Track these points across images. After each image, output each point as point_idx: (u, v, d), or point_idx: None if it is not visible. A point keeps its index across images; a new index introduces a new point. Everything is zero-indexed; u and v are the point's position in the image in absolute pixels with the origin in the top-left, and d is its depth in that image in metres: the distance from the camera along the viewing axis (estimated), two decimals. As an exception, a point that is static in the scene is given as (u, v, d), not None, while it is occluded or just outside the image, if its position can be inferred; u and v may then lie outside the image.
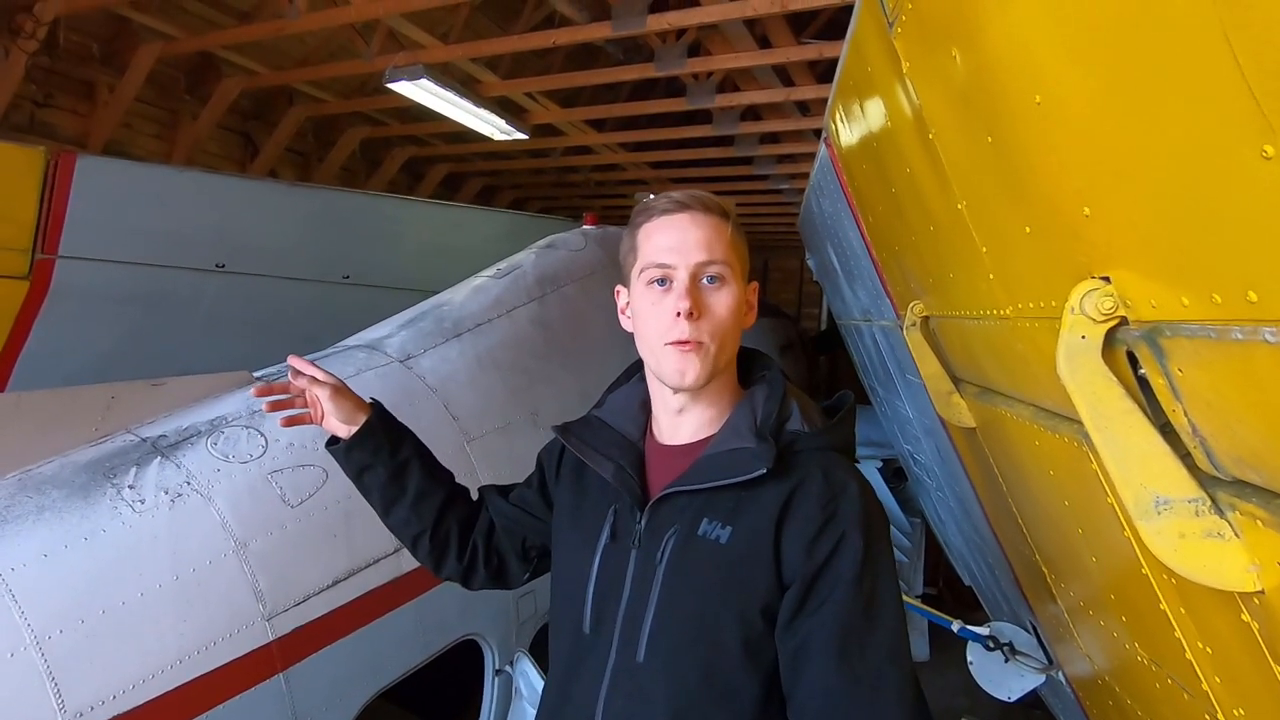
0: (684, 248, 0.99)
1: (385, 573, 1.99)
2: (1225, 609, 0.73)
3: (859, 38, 1.35)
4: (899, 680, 0.90)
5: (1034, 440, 1.16)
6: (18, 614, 1.42)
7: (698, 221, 1.00)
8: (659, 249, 1.01)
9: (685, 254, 0.99)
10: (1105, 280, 0.69)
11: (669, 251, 1.00)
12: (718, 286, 1.00)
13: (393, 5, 4.29)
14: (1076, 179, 0.70)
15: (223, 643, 1.64)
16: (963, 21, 0.83)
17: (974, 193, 1.03)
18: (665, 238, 1.01)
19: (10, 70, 4.48)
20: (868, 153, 1.70)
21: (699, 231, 1.00)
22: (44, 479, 1.67)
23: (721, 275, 1.00)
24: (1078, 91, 0.65)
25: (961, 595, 4.18)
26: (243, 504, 1.78)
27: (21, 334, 3.44)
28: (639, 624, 0.99)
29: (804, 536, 0.93)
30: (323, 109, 6.34)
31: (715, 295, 1.00)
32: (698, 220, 1.00)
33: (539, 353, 2.78)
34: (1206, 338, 0.57)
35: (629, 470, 1.06)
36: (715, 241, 1.00)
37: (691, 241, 0.99)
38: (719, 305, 0.99)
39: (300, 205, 4.54)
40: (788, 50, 4.69)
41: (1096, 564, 1.17)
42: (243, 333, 4.24)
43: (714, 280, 1.00)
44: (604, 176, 8.68)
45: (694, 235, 0.99)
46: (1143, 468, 0.68)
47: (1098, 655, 1.56)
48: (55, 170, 3.26)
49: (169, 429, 1.89)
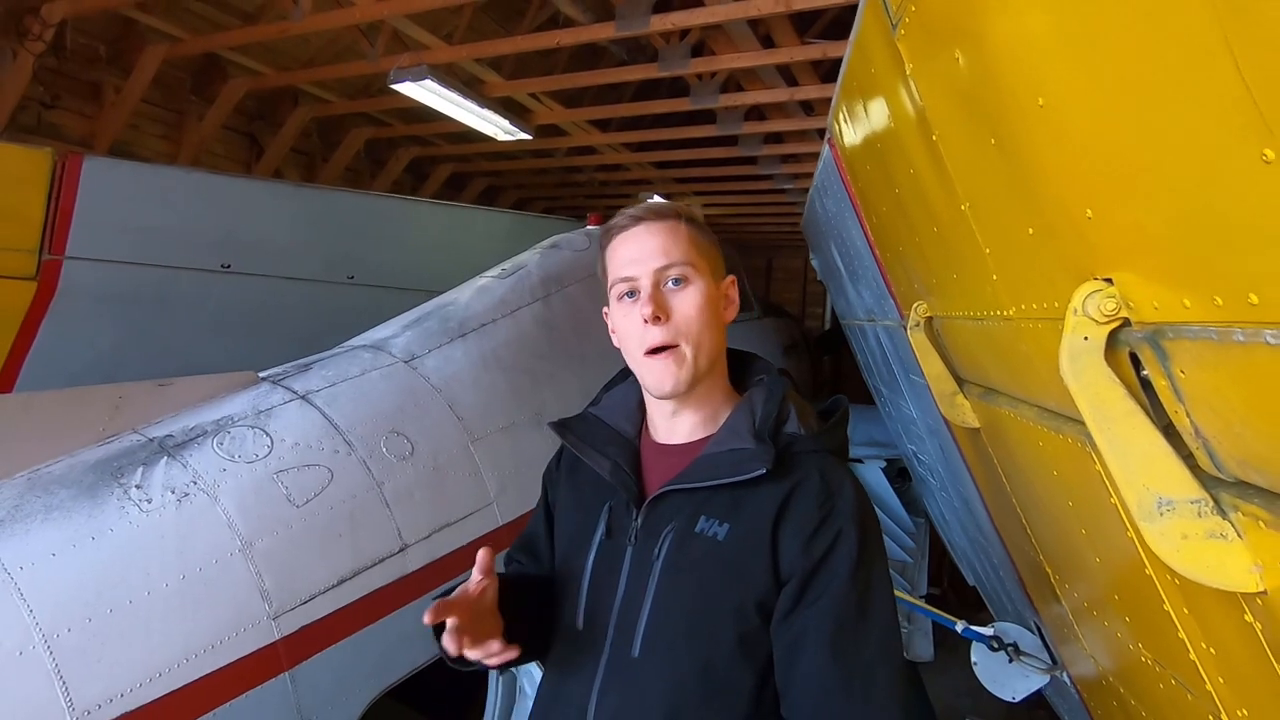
0: (643, 256, 1.03)
1: (390, 572, 2.00)
2: (1228, 610, 0.74)
3: (862, 39, 1.36)
4: (891, 674, 0.93)
5: (1038, 441, 1.16)
6: (26, 612, 1.43)
7: (652, 230, 1.04)
8: (622, 263, 1.05)
9: (644, 262, 1.03)
10: (1108, 282, 0.70)
11: (631, 264, 1.04)
12: (681, 287, 1.03)
13: (397, 6, 4.30)
14: (1079, 181, 0.70)
15: (229, 641, 1.65)
16: (966, 23, 0.83)
17: (977, 194, 1.03)
18: (626, 251, 1.05)
19: (18, 72, 4.51)
20: (871, 153, 1.70)
21: (654, 239, 1.04)
22: (52, 479, 1.69)
23: (684, 275, 1.03)
24: (1081, 94, 0.65)
25: (966, 595, 4.17)
26: (248, 503, 1.78)
27: (29, 334, 3.45)
28: (634, 620, 1.00)
29: (802, 533, 0.95)
30: (327, 110, 6.35)
31: (680, 296, 1.03)
32: (652, 229, 1.05)
33: (543, 353, 2.78)
34: (1208, 339, 0.57)
35: (625, 468, 1.08)
36: (672, 245, 1.04)
37: (649, 249, 1.03)
38: (685, 304, 1.02)
39: (305, 206, 4.54)
40: (792, 50, 4.68)
41: (1100, 565, 1.17)
42: (248, 333, 4.25)
43: (678, 282, 1.03)
44: (608, 177, 8.68)
45: (650, 244, 1.04)
46: (1145, 469, 0.68)
47: (1102, 656, 1.55)
48: (62, 171, 3.27)
49: (175, 429, 1.90)
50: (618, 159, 7.62)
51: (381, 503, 2.03)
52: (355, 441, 2.06)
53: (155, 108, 5.61)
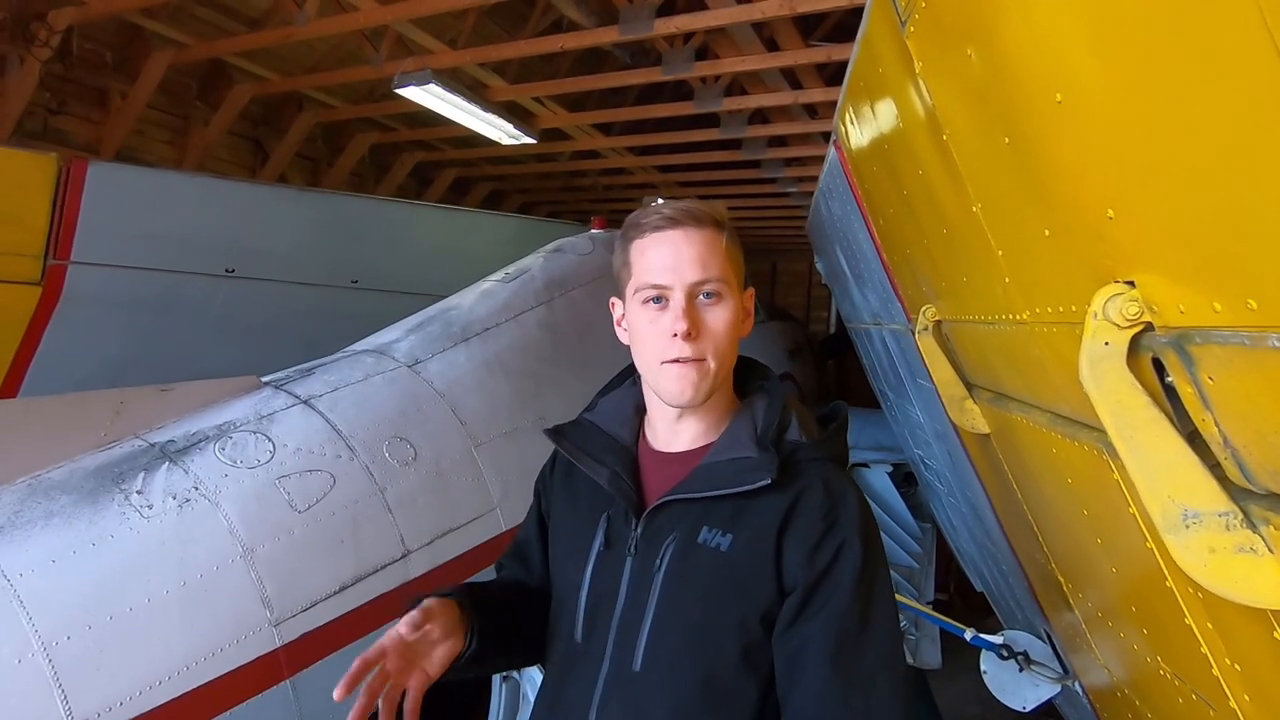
0: (679, 266, 0.97)
1: (392, 579, 1.98)
2: (1256, 626, 0.71)
3: (870, 37, 1.33)
4: (892, 685, 0.91)
5: (1051, 448, 1.14)
6: (25, 619, 1.42)
7: (691, 238, 0.98)
8: (653, 268, 0.99)
9: (680, 273, 0.97)
10: (1130, 285, 0.67)
11: (664, 271, 0.98)
12: (714, 302, 0.98)
13: (401, 11, 4.31)
14: (1100, 179, 0.68)
15: (230, 649, 1.63)
16: (979, 18, 0.81)
17: (990, 194, 1.01)
18: (659, 256, 0.99)
19: (25, 78, 4.53)
20: (879, 155, 1.67)
21: (692, 249, 0.98)
22: (53, 484, 1.67)
23: (718, 291, 0.98)
24: (1101, 88, 0.63)
25: (973, 601, 4.13)
26: (250, 509, 1.77)
27: (34, 339, 3.45)
28: (635, 633, 0.98)
29: (806, 544, 0.94)
30: (332, 115, 6.37)
31: (712, 312, 0.98)
32: (690, 237, 0.98)
33: (546, 357, 2.76)
34: (1240, 345, 0.54)
35: (625, 476, 1.05)
36: (710, 258, 0.98)
37: (686, 260, 0.97)
38: (717, 322, 0.98)
39: (309, 210, 4.55)
40: (796, 53, 4.67)
41: (1116, 575, 1.14)
42: (252, 337, 4.25)
43: (711, 296, 0.98)
44: (612, 180, 8.67)
45: (688, 253, 0.98)
46: (1170, 479, 0.65)
47: (1116, 667, 1.52)
48: (67, 177, 3.27)
49: (177, 434, 1.89)
50: (621, 163, 7.61)
51: (384, 508, 2.01)
52: (358, 446, 2.04)
53: (161, 113, 5.62)
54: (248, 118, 6.13)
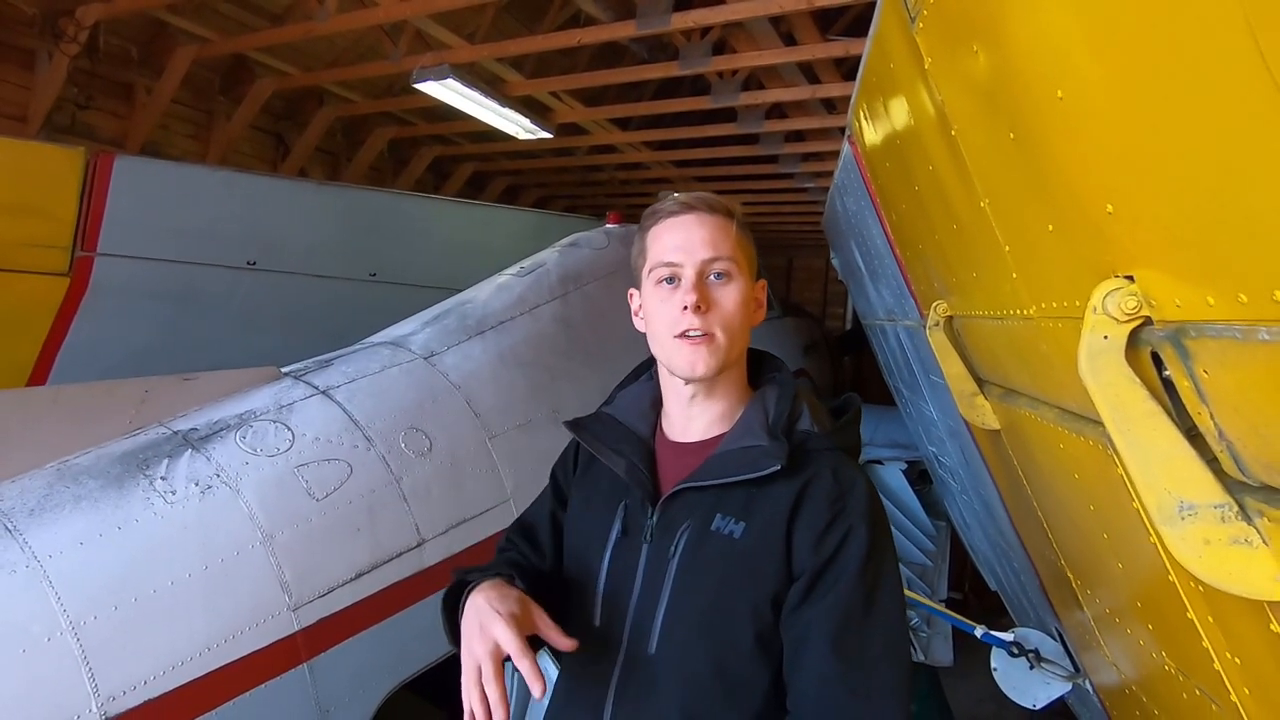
0: (690, 246, 1.03)
1: (408, 566, 2.02)
2: (1254, 618, 0.71)
3: (881, 34, 1.34)
4: (894, 671, 0.92)
5: (1058, 443, 1.14)
6: (54, 599, 1.47)
7: (703, 221, 1.04)
8: (666, 248, 1.04)
9: (691, 252, 1.03)
10: (1129, 279, 0.68)
11: (676, 250, 1.04)
12: (724, 282, 1.03)
13: (420, 6, 4.34)
14: (1099, 175, 0.69)
15: (249, 632, 1.68)
16: (984, 16, 0.82)
17: (996, 190, 1.01)
18: (672, 238, 1.05)
19: (53, 73, 4.63)
20: (890, 150, 1.67)
21: (704, 230, 1.03)
22: (81, 469, 1.73)
23: (727, 271, 1.03)
24: (1101, 86, 0.64)
25: (987, 601, 4.10)
26: (270, 496, 1.81)
27: (62, 328, 3.54)
28: (651, 617, 1.01)
29: (813, 530, 0.96)
30: (352, 109, 6.43)
31: (722, 290, 1.03)
32: (703, 220, 1.04)
33: (561, 350, 2.79)
34: (1232, 338, 0.55)
35: (641, 466, 1.08)
36: (720, 239, 1.03)
37: (697, 240, 1.03)
38: (726, 299, 1.03)
39: (329, 204, 4.61)
40: (813, 47, 4.64)
41: (1123, 570, 1.14)
42: (272, 329, 4.32)
43: (720, 276, 1.03)
44: (628, 175, 8.68)
45: (699, 234, 1.03)
46: (1167, 472, 0.66)
47: (1125, 664, 1.52)
48: (94, 170, 3.35)
49: (200, 422, 1.94)
50: (638, 157, 7.61)
51: (400, 498, 2.05)
52: (375, 437, 2.08)
53: (185, 108, 5.72)
54: (269, 112, 6.22)
